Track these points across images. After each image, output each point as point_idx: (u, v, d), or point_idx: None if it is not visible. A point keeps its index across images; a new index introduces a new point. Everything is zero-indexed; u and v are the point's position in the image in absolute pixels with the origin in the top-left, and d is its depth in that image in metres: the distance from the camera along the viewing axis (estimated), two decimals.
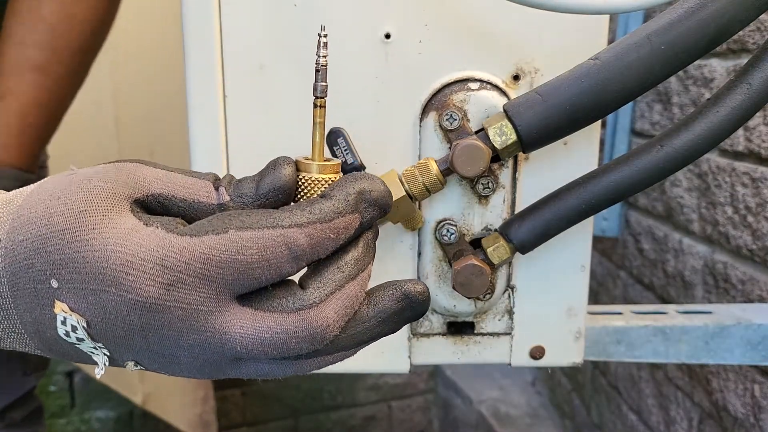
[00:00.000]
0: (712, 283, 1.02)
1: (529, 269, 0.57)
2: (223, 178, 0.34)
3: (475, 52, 0.52)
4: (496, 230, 0.53)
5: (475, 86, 0.51)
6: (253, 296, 0.31)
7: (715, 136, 0.47)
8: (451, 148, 0.49)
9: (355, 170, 0.48)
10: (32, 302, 0.31)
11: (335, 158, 0.36)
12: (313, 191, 0.34)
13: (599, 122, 0.50)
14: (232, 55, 0.51)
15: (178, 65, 0.54)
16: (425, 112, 0.52)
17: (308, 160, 0.34)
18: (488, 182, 0.52)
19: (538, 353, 0.58)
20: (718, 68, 0.99)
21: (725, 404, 0.98)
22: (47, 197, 0.31)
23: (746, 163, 0.93)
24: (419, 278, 0.56)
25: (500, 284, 0.56)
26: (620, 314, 0.69)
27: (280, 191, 0.33)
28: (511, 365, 0.59)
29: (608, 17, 0.52)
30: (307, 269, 0.33)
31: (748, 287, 0.93)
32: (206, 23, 0.50)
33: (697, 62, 0.95)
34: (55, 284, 0.30)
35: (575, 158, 0.54)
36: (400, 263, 0.55)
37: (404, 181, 0.49)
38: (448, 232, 0.53)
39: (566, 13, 0.46)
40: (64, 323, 0.30)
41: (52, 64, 0.69)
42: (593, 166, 0.54)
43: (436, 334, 0.58)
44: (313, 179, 0.34)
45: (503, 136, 0.47)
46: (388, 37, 0.51)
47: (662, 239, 1.17)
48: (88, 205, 0.30)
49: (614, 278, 1.38)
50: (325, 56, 0.35)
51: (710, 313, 0.70)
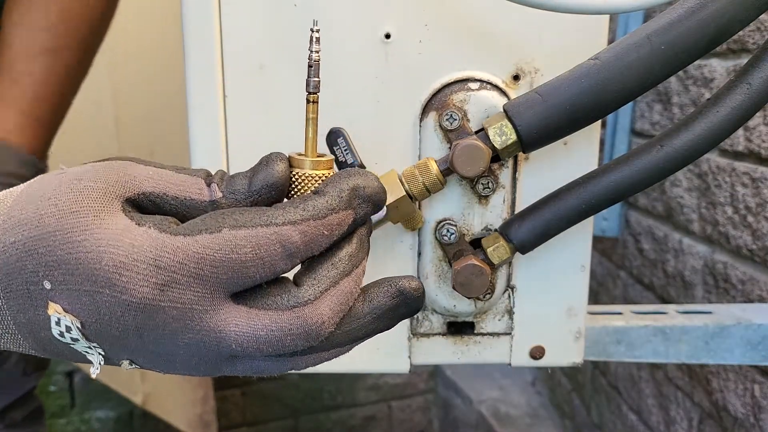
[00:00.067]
0: (712, 283, 1.02)
1: (529, 269, 0.57)
2: (215, 174, 0.33)
3: (475, 52, 0.52)
4: (496, 230, 0.53)
5: (475, 86, 0.51)
6: (247, 294, 0.31)
7: (715, 136, 0.47)
8: (451, 148, 0.49)
9: None
10: (25, 303, 0.30)
11: (328, 154, 0.36)
12: (306, 188, 0.34)
13: (599, 122, 0.50)
14: (232, 55, 0.51)
15: (178, 65, 0.54)
16: (425, 112, 0.52)
17: (301, 156, 0.34)
18: (488, 182, 0.52)
19: (538, 353, 0.58)
20: (718, 68, 0.99)
21: (725, 404, 0.98)
22: (37, 198, 0.30)
23: (746, 163, 0.93)
24: (419, 278, 0.56)
25: (500, 284, 0.56)
26: (620, 314, 0.69)
27: (272, 188, 0.32)
28: (511, 365, 0.59)
29: (608, 17, 0.52)
30: (301, 266, 0.33)
31: (748, 287, 0.93)
32: (206, 23, 0.50)
33: (697, 62, 0.95)
34: (48, 285, 0.30)
35: (575, 158, 0.54)
36: (400, 263, 0.55)
37: (404, 181, 0.49)
38: (448, 232, 0.53)
39: (566, 13, 0.46)
40: (58, 324, 0.30)
41: (62, 47, 0.69)
42: (593, 166, 0.54)
43: (436, 334, 0.58)
44: (306, 175, 0.34)
45: (503, 136, 0.47)
46: (388, 37, 0.51)
47: (662, 239, 1.17)
48: (78, 205, 0.30)
49: (614, 278, 1.38)
50: (317, 51, 0.34)
51: (710, 313, 0.70)
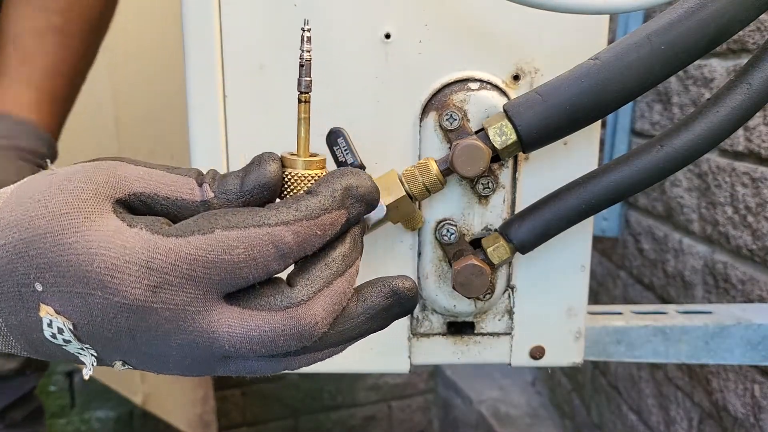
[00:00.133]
0: (712, 283, 1.02)
1: (529, 269, 0.57)
2: (206, 174, 0.33)
3: (475, 52, 0.52)
4: (496, 230, 0.53)
5: (475, 86, 0.51)
6: (240, 295, 0.31)
7: (715, 136, 0.47)
8: (451, 148, 0.49)
9: None
10: (17, 305, 0.30)
11: (321, 154, 0.35)
12: (299, 187, 0.33)
13: (599, 122, 0.50)
14: (232, 55, 0.51)
15: (178, 65, 0.54)
16: (425, 112, 0.52)
17: (294, 156, 0.34)
18: (488, 182, 0.52)
19: (538, 353, 0.58)
20: (718, 68, 0.99)
21: (725, 404, 0.98)
22: (27, 200, 0.30)
23: (746, 163, 0.93)
24: (419, 278, 0.56)
25: (500, 284, 0.56)
26: (620, 314, 0.69)
27: (265, 188, 0.32)
28: (511, 365, 0.59)
29: (608, 17, 0.52)
30: (294, 266, 0.33)
31: (748, 287, 0.93)
32: (206, 23, 0.50)
33: (697, 62, 0.95)
34: (39, 287, 0.29)
35: (575, 158, 0.54)
36: (400, 263, 0.55)
37: (404, 181, 0.49)
38: (448, 232, 0.53)
39: (566, 13, 0.46)
40: (50, 326, 0.30)
41: (71, 28, 0.69)
42: (593, 166, 0.54)
43: (436, 334, 0.58)
44: (298, 175, 0.33)
45: (503, 136, 0.47)
46: (388, 37, 0.51)
47: (662, 239, 1.17)
48: (69, 207, 0.30)
49: (614, 278, 1.38)
50: (309, 51, 0.34)
51: (710, 313, 0.70)
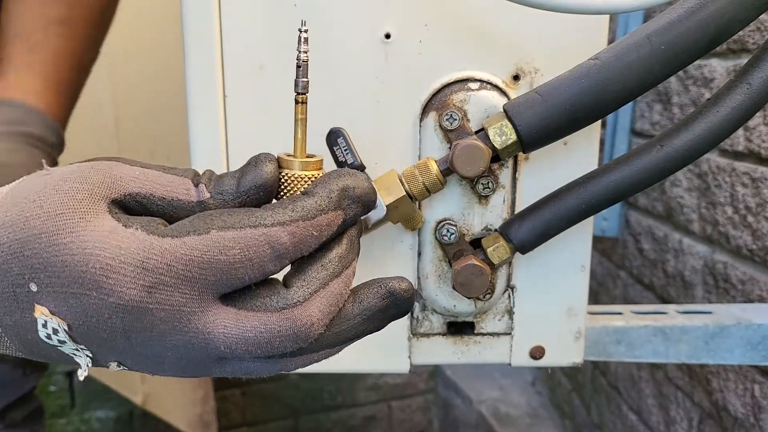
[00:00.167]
0: (712, 283, 1.02)
1: (529, 269, 0.57)
2: (203, 174, 0.33)
3: (475, 52, 0.52)
4: (496, 230, 0.53)
5: (475, 86, 0.51)
6: (236, 296, 0.31)
7: (715, 136, 0.47)
8: (451, 148, 0.49)
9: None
10: (11, 306, 0.30)
11: (318, 155, 0.35)
12: (295, 188, 0.33)
13: (599, 122, 0.50)
14: (232, 55, 0.51)
15: (178, 65, 0.54)
16: (425, 112, 0.52)
17: (290, 156, 0.34)
18: (488, 182, 0.52)
19: (538, 353, 0.58)
20: (718, 68, 0.99)
21: (725, 404, 0.98)
22: (22, 200, 0.30)
23: (746, 163, 0.93)
24: (419, 278, 0.56)
25: (500, 284, 0.56)
26: (620, 314, 0.69)
27: (261, 189, 0.32)
28: (511, 365, 0.59)
29: (608, 17, 0.52)
30: (291, 267, 0.33)
31: (748, 287, 0.93)
32: (206, 23, 0.50)
33: (697, 62, 0.95)
34: (34, 288, 0.29)
35: (575, 158, 0.54)
36: (400, 263, 0.55)
37: (404, 181, 0.49)
38: (448, 232, 0.53)
39: (566, 13, 0.46)
40: (45, 326, 0.30)
41: (76, 20, 0.69)
42: (593, 166, 0.54)
43: (436, 334, 0.58)
44: (295, 176, 0.33)
45: (503, 136, 0.47)
46: (388, 37, 0.51)
47: (662, 239, 1.17)
48: (64, 207, 0.30)
49: (614, 278, 1.38)
50: (306, 52, 0.34)
51: (710, 313, 0.70)
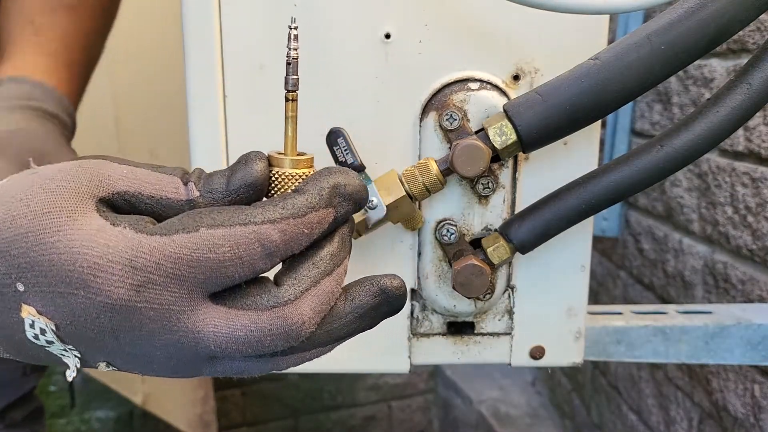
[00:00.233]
0: (712, 283, 1.02)
1: (529, 269, 0.57)
2: (192, 173, 0.33)
3: (475, 52, 0.52)
4: (496, 230, 0.53)
5: (475, 86, 0.51)
6: (226, 294, 0.31)
7: (715, 136, 0.47)
8: (451, 148, 0.49)
9: (354, 170, 0.48)
10: None
11: (308, 153, 0.35)
12: (286, 186, 0.33)
13: (599, 122, 0.50)
14: (232, 55, 0.51)
15: (178, 65, 0.54)
16: (425, 112, 0.52)
17: (281, 154, 0.34)
18: (488, 182, 0.52)
19: (538, 353, 0.58)
20: (718, 68, 0.99)
21: (725, 404, 0.98)
22: (9, 199, 0.30)
23: (746, 163, 0.93)
24: (419, 278, 0.56)
25: (500, 284, 0.56)
26: (620, 314, 0.69)
27: (251, 187, 0.32)
28: (511, 365, 0.59)
29: (608, 17, 0.52)
30: (282, 265, 0.32)
31: (748, 287, 0.93)
32: (206, 23, 0.50)
33: (697, 62, 0.95)
34: (21, 288, 0.29)
35: (575, 158, 0.54)
36: (400, 263, 0.55)
37: (404, 181, 0.49)
38: (448, 232, 0.53)
39: (566, 13, 0.46)
40: (32, 326, 0.30)
41: (83, 6, 0.68)
42: (593, 166, 0.54)
43: (436, 334, 0.58)
44: (286, 174, 0.33)
45: (503, 136, 0.47)
46: (388, 37, 0.51)
47: (662, 239, 1.17)
48: (51, 206, 0.29)
49: (614, 278, 1.38)
50: (296, 49, 0.34)
51: (710, 313, 0.70)
